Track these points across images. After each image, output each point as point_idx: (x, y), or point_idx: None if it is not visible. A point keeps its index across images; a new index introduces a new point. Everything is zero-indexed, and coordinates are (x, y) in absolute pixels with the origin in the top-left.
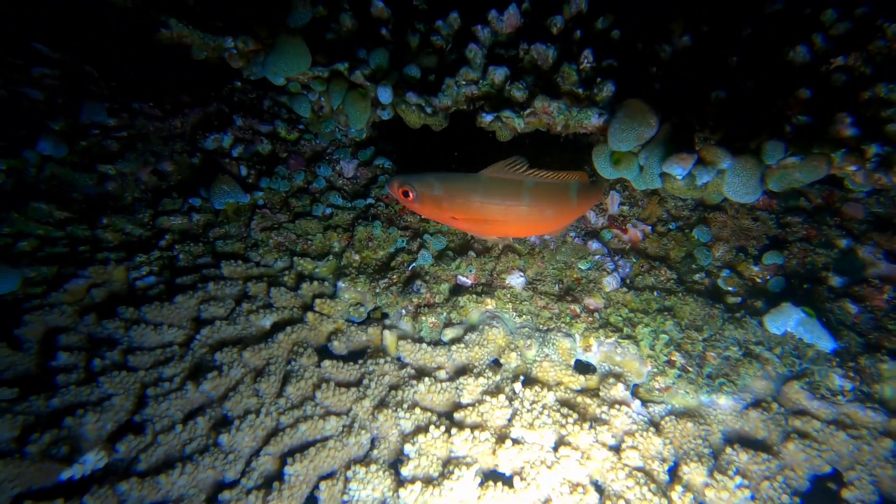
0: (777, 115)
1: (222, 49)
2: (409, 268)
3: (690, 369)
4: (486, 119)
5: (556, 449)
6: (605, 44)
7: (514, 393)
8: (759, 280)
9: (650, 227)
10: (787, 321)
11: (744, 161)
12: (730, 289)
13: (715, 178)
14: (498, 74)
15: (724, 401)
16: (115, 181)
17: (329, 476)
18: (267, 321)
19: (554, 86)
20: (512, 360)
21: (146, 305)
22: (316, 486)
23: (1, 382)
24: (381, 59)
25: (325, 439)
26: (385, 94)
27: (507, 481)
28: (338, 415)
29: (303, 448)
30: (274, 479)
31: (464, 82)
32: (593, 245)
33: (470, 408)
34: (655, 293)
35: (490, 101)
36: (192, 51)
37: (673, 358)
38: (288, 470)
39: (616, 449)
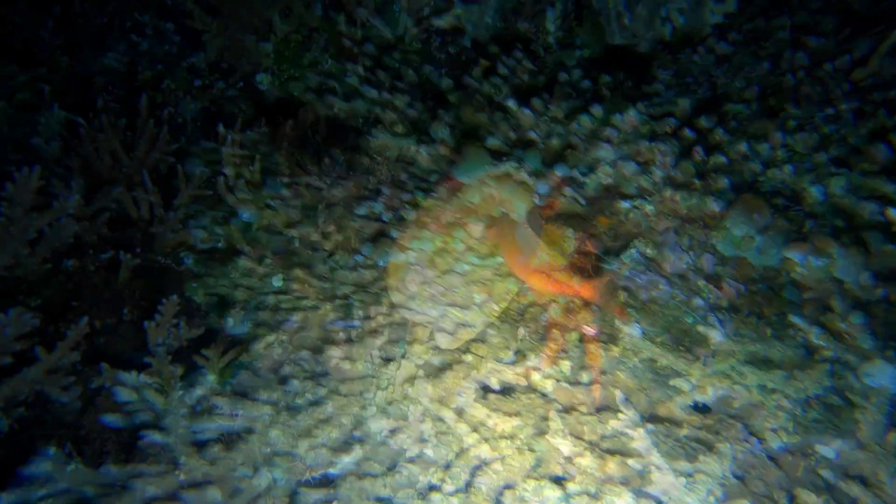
0: (869, 207)
1: (413, 152)
2: (544, 318)
3: (797, 413)
4: (624, 206)
5: (691, 475)
6: (712, 142)
7: (648, 428)
8: (847, 337)
9: (744, 287)
10: (881, 375)
11: (851, 250)
12: (822, 343)
13: (826, 263)
14: (627, 168)
15: (829, 440)
16: (299, 241)
17: (509, 487)
18: (436, 360)
19: (675, 178)
20: (641, 400)
21: (343, 345)
22: (500, 493)
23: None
24: (535, 160)
25: (503, 458)
26: (544, 188)
27: (656, 499)
28: (507, 438)
29: (485, 464)
30: (468, 486)
31: (602, 175)
32: (697, 301)
33: (614, 437)
34: (757, 345)
35: (622, 189)
36: (387, 152)
37: (781, 403)
38: (479, 479)
39: (741, 478)
